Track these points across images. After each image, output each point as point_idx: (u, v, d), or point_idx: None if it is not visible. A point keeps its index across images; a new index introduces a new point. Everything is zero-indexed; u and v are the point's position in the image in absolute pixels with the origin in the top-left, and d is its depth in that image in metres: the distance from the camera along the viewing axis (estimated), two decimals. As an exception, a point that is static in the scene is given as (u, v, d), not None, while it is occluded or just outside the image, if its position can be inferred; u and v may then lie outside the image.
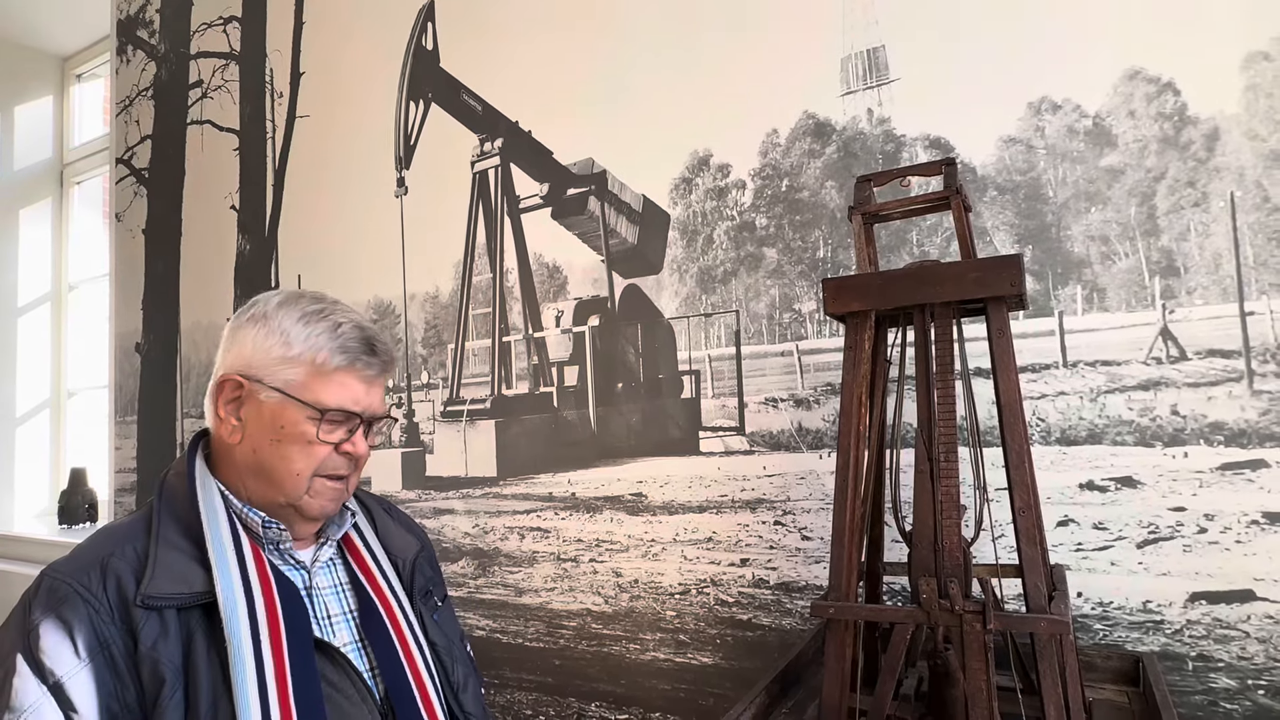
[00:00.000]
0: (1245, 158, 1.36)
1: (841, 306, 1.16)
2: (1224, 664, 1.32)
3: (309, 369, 1.00)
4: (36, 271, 4.37)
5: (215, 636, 0.91)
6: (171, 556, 0.94)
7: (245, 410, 1.01)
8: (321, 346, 1.01)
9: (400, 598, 1.11)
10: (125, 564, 0.92)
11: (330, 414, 1.00)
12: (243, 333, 1.03)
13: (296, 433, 0.99)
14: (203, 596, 0.92)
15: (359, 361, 1.03)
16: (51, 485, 4.23)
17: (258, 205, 2.91)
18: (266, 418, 1.00)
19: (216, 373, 1.05)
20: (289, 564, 1.05)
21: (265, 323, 1.02)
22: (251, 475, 1.01)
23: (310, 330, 1.01)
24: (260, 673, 0.90)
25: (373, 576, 1.10)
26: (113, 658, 0.88)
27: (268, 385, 1.00)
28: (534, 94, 2.21)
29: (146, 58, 3.44)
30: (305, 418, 0.99)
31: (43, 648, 0.87)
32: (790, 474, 1.76)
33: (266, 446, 1.00)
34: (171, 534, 0.96)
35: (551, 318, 2.17)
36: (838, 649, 1.11)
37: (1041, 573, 1.02)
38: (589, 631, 1.99)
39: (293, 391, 0.99)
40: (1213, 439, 1.36)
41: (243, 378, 1.01)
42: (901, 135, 1.66)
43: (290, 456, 1.00)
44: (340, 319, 1.04)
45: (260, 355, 1.00)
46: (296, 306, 1.04)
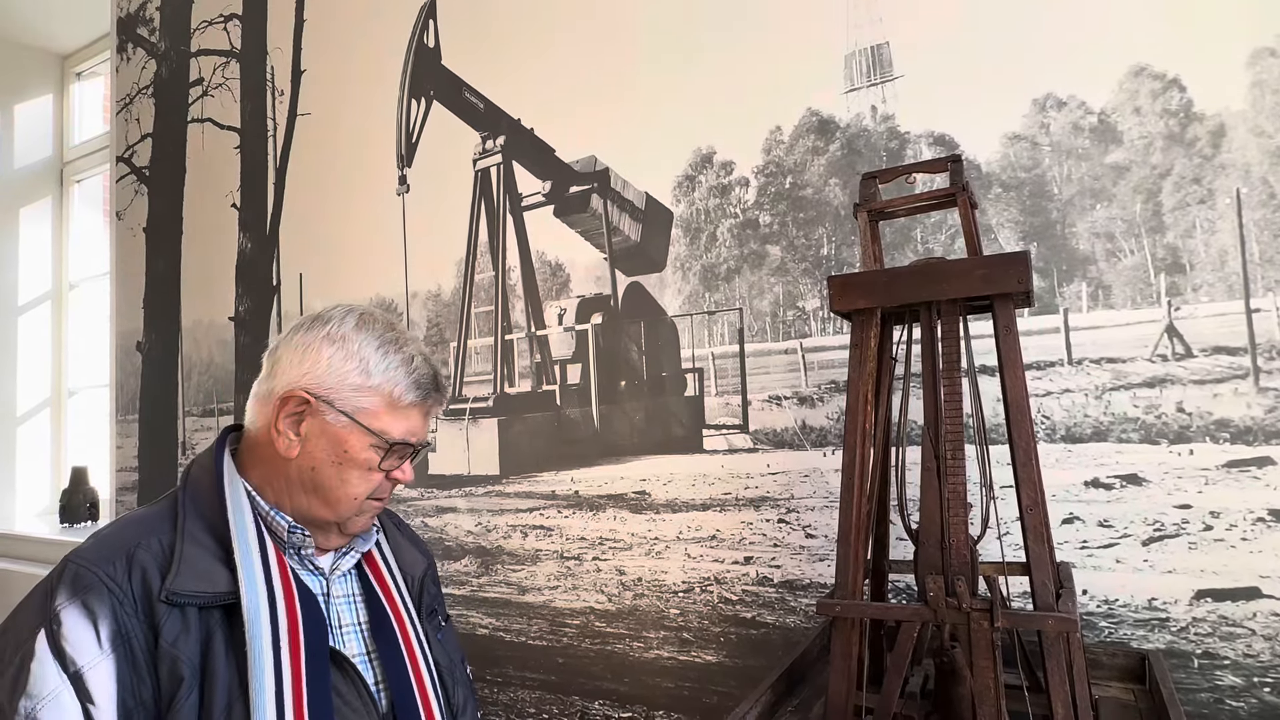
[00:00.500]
0: (1251, 154, 1.36)
1: (847, 304, 1.16)
2: (1230, 661, 1.32)
3: (384, 401, 1.01)
4: (37, 270, 4.37)
5: (234, 637, 0.91)
6: (196, 554, 0.93)
7: (307, 427, 1.00)
8: (399, 381, 1.02)
9: (412, 614, 1.12)
10: (151, 557, 0.92)
11: (396, 446, 1.02)
12: (318, 351, 1.02)
13: (360, 458, 1.01)
14: (225, 597, 0.92)
15: (430, 397, 1.05)
16: (53, 484, 4.23)
17: (259, 203, 2.91)
18: (331, 439, 1.00)
19: (276, 379, 1.03)
20: (308, 570, 1.05)
21: (344, 345, 1.01)
22: (302, 490, 1.01)
23: (388, 362, 1.02)
24: (278, 676, 0.90)
25: (389, 590, 1.11)
26: (133, 651, 0.88)
27: (337, 408, 1.00)
28: (536, 91, 2.20)
29: (147, 55, 3.43)
30: (370, 445, 1.01)
31: (65, 634, 0.86)
32: (794, 472, 1.75)
33: (327, 466, 1.00)
34: (196, 530, 0.96)
35: (554, 315, 2.16)
36: (844, 647, 1.10)
37: (1049, 570, 1.02)
38: (592, 630, 1.99)
39: (363, 420, 1.00)
40: (1218, 436, 1.36)
41: (311, 395, 1.00)
42: (905, 132, 1.66)
43: (350, 480, 1.01)
44: (413, 352, 1.05)
45: (335, 378, 1.00)
46: (373, 333, 1.04)
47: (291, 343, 1.04)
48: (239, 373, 2.96)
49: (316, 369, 1.01)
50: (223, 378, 3.02)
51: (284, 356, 1.04)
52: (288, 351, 1.04)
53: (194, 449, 3.11)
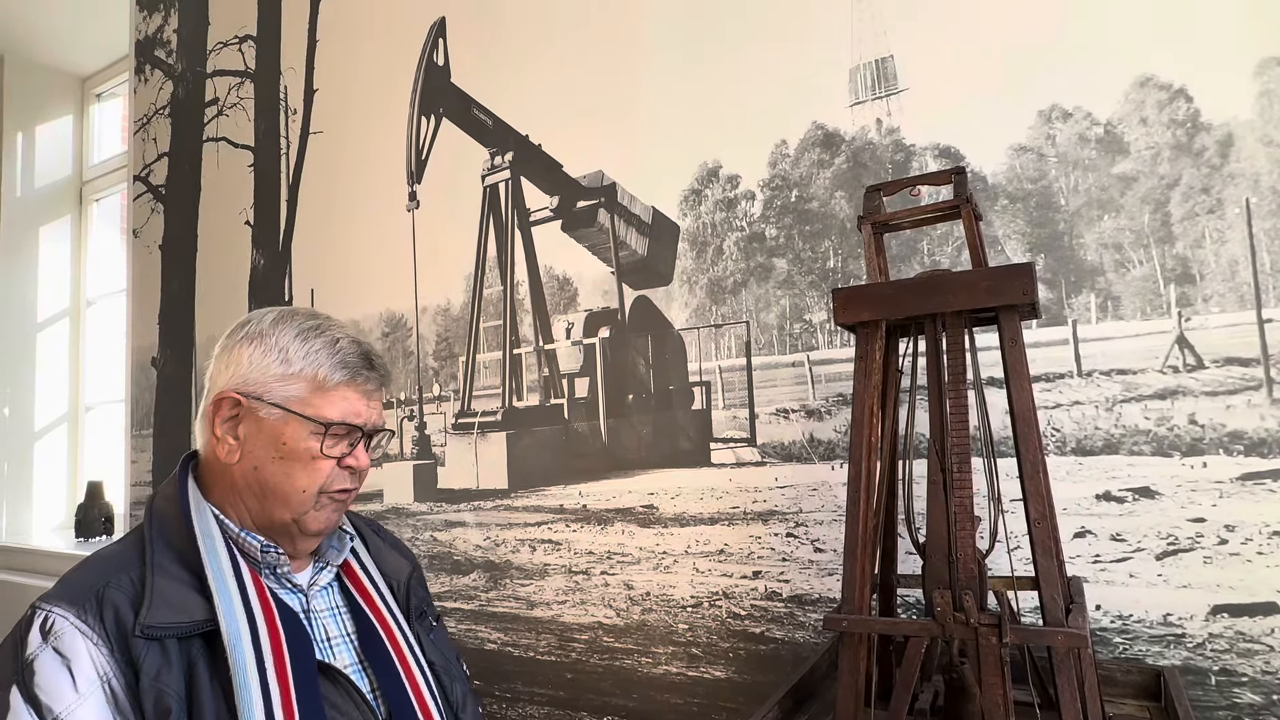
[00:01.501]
0: (1260, 164, 1.35)
1: (852, 316, 1.15)
2: (1248, 679, 1.29)
3: (310, 384, 1.01)
4: (56, 287, 4.44)
5: (217, 665, 0.90)
6: (169, 585, 0.92)
7: (244, 428, 1.00)
8: (321, 363, 1.01)
9: (398, 618, 1.12)
10: (121, 594, 0.91)
11: (334, 428, 1.01)
12: (238, 351, 1.02)
13: (300, 448, 1.00)
14: (203, 625, 0.91)
15: (359, 376, 1.04)
16: (69, 498, 4.28)
17: (272, 220, 2.95)
18: (268, 434, 1.00)
19: (210, 392, 1.04)
20: (286, 588, 1.05)
21: (262, 340, 1.02)
22: (252, 494, 1.01)
23: (309, 346, 1.02)
24: (266, 700, 0.89)
25: (370, 598, 1.10)
26: (113, 691, 0.87)
27: (267, 402, 0.99)
28: (544, 108, 2.23)
29: (164, 77, 3.50)
30: (308, 433, 1.00)
31: (39, 684, 0.85)
32: (802, 485, 1.74)
33: (269, 464, 1.00)
34: (166, 561, 0.94)
35: (562, 330, 2.17)
36: (851, 663, 1.09)
37: (1058, 585, 1.01)
38: (601, 645, 1.98)
39: (294, 407, 0.99)
40: (1232, 448, 1.34)
41: (241, 395, 1.00)
42: (911, 145, 1.66)
43: (294, 473, 1.00)
44: (337, 334, 1.04)
45: (258, 372, 1.00)
46: (292, 323, 1.04)
47: (218, 355, 1.05)
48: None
49: (240, 369, 1.01)
50: (235, 393, 3.04)
51: (213, 369, 1.05)
52: (216, 363, 1.05)
53: (207, 463, 3.14)
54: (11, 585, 3.66)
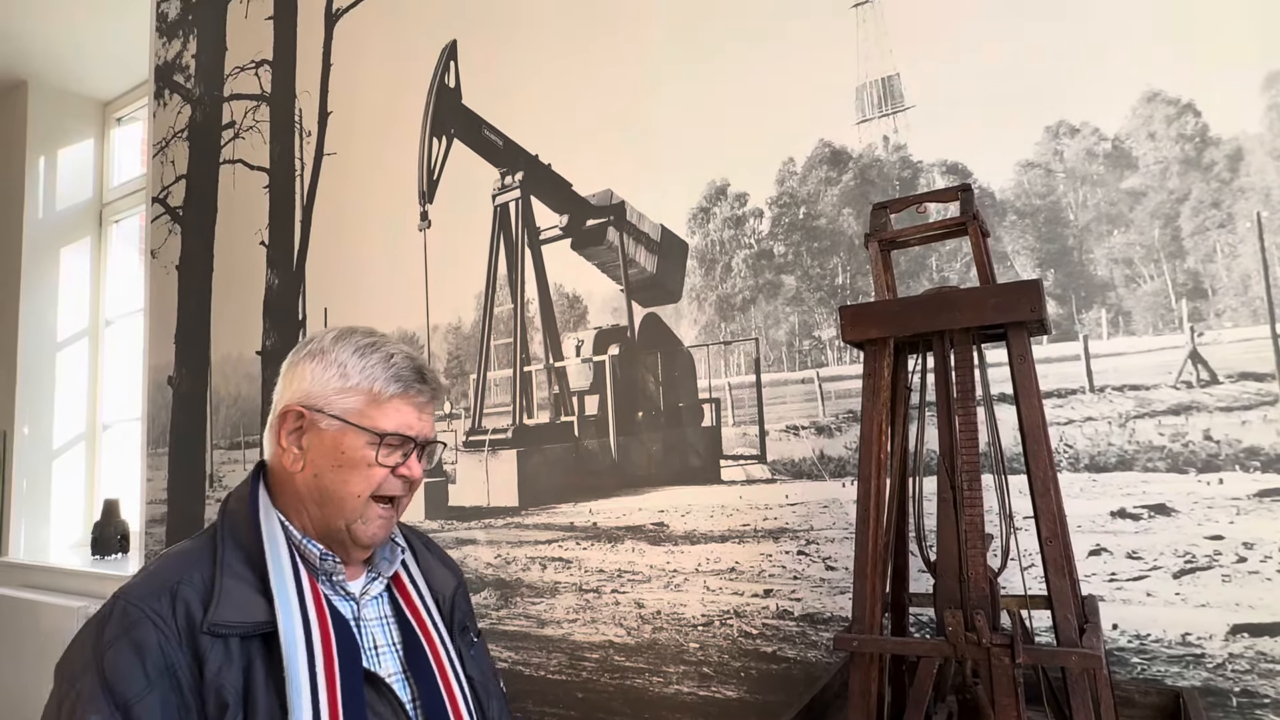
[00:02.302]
0: (1271, 178, 1.34)
1: (859, 334, 1.16)
2: (1270, 700, 1.27)
3: (366, 397, 1.07)
4: (75, 307, 4.51)
5: (273, 665, 0.96)
6: (236, 586, 0.99)
7: (307, 439, 1.07)
8: (377, 376, 1.08)
9: (443, 633, 1.16)
10: (194, 591, 0.97)
11: (388, 438, 1.07)
12: (302, 367, 1.10)
13: (357, 457, 1.06)
14: (263, 626, 0.97)
15: (412, 389, 1.10)
16: (86, 516, 4.32)
17: (286, 240, 2.99)
18: (328, 445, 1.06)
19: (277, 406, 1.11)
20: (340, 595, 1.10)
21: (323, 357, 1.09)
22: (312, 501, 1.07)
23: (365, 362, 1.08)
24: (315, 701, 0.94)
25: (418, 611, 1.15)
26: (179, 682, 0.92)
27: (328, 414, 1.06)
28: (553, 128, 2.25)
29: (182, 101, 3.57)
30: (365, 443, 1.06)
31: (115, 669, 0.91)
32: (813, 502, 1.73)
33: (329, 471, 1.06)
34: (235, 562, 1.01)
35: (572, 347, 2.18)
36: (863, 683, 1.08)
37: (1071, 604, 0.99)
38: (611, 664, 1.97)
39: (352, 419, 1.06)
40: (1248, 464, 1.32)
41: (304, 408, 1.07)
42: (918, 161, 1.67)
43: (350, 480, 1.06)
44: (392, 350, 1.11)
45: (319, 387, 1.07)
46: (351, 341, 1.11)
47: (284, 372, 1.13)
48: (265, 406, 3.01)
49: (304, 384, 1.08)
50: (250, 411, 3.08)
51: (280, 385, 1.13)
52: (282, 379, 1.13)
53: (222, 481, 3.16)
54: (29, 603, 3.69)
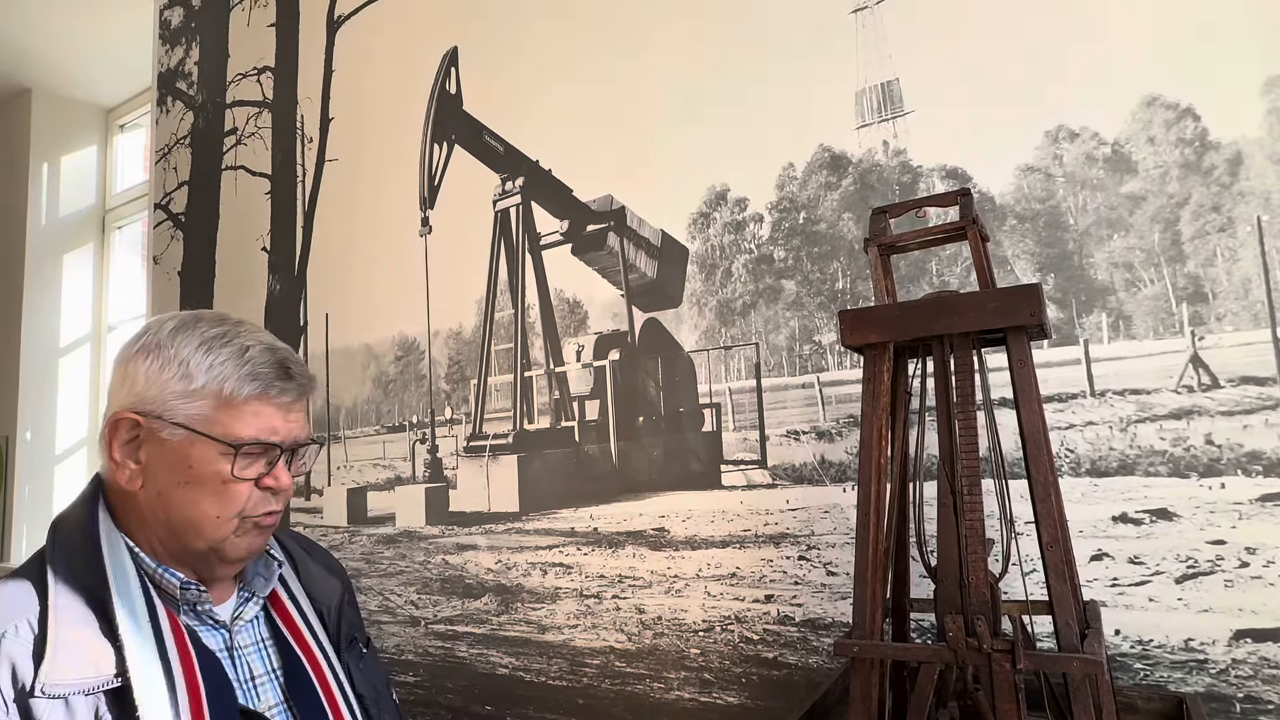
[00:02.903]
0: (1270, 181, 1.34)
1: (859, 338, 1.15)
2: (1274, 706, 1.26)
3: (215, 400, 0.90)
4: (78, 313, 4.53)
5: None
6: (73, 633, 0.82)
7: (145, 451, 0.90)
8: (228, 375, 0.90)
9: (327, 650, 1.04)
10: (20, 646, 0.80)
11: (246, 448, 0.90)
12: (133, 365, 0.92)
13: (209, 472, 0.89)
14: (111, 680, 0.82)
15: (273, 388, 0.93)
16: (87, 522, 4.32)
17: (288, 246, 2.99)
18: (172, 458, 0.89)
19: (106, 412, 0.93)
20: (208, 625, 0.96)
21: (159, 353, 0.91)
22: (160, 524, 0.91)
23: (213, 358, 0.90)
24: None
25: (298, 631, 1.02)
26: None
27: (169, 422, 0.89)
28: (554, 133, 2.26)
29: (185, 108, 3.58)
30: (217, 454, 0.89)
31: None
32: (814, 507, 1.73)
33: (174, 489, 0.89)
34: (71, 603, 0.84)
35: (572, 352, 2.18)
36: (863, 688, 1.08)
37: (1072, 610, 0.99)
38: (612, 670, 1.96)
39: (199, 427, 0.89)
40: (1250, 469, 1.32)
41: (139, 415, 0.89)
42: (918, 166, 1.67)
43: (201, 500, 0.89)
44: (247, 341, 0.93)
45: (156, 389, 0.90)
46: (194, 332, 0.93)
47: (114, 370, 0.95)
48: (267, 411, 3.01)
49: (137, 385, 0.90)
50: (251, 416, 3.07)
51: (110, 386, 0.94)
52: (112, 379, 0.94)
53: (222, 487, 3.16)
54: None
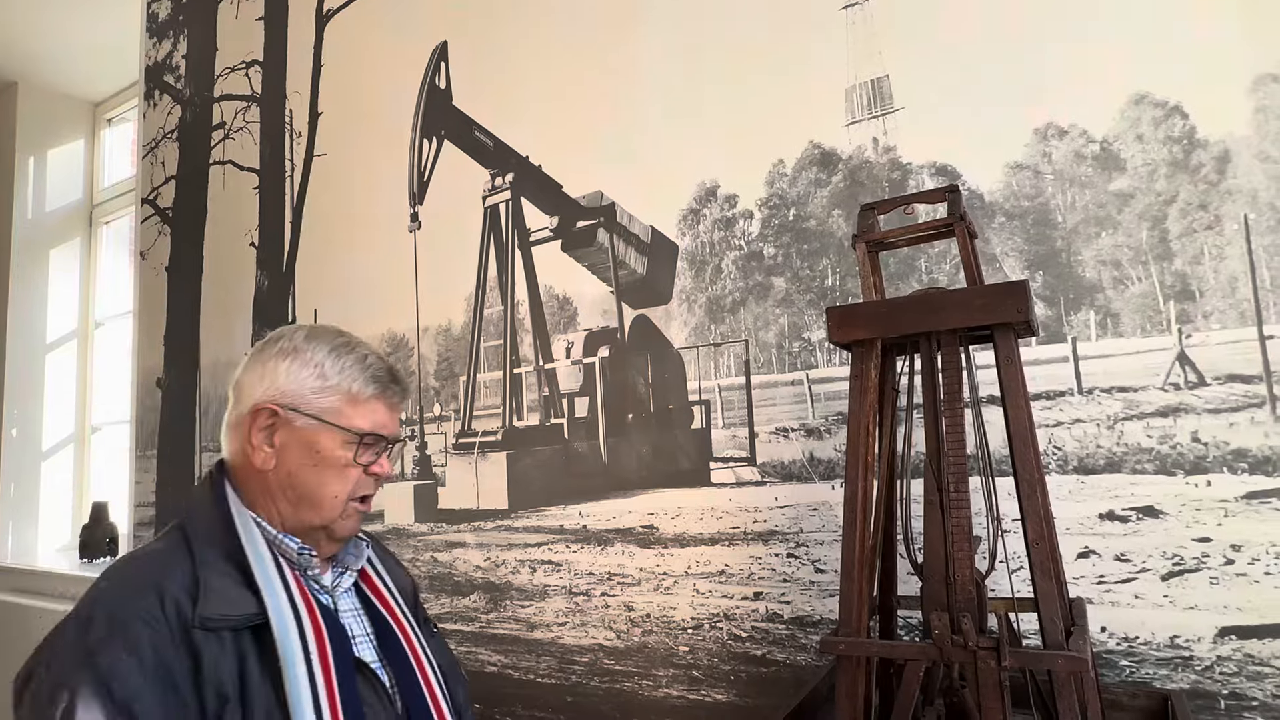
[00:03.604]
0: (1258, 180, 1.34)
1: (846, 335, 1.15)
2: (1258, 703, 1.26)
3: (345, 397, 1.08)
4: (65, 309, 4.48)
5: (265, 657, 0.95)
6: (220, 581, 0.97)
7: (279, 437, 1.06)
8: (355, 377, 1.08)
9: (412, 622, 1.17)
10: (179, 588, 0.95)
11: (366, 438, 1.08)
12: (274, 365, 1.08)
13: (333, 456, 1.06)
14: (253, 619, 0.96)
15: (388, 389, 1.12)
16: (74, 519, 4.28)
17: (276, 242, 2.97)
18: (303, 443, 1.06)
19: (242, 402, 1.08)
20: (315, 588, 1.09)
21: (298, 355, 1.08)
22: (286, 500, 1.06)
23: (342, 363, 1.09)
24: (313, 691, 0.94)
25: (386, 601, 1.16)
26: (174, 680, 0.91)
27: (303, 413, 1.06)
28: (544, 129, 2.24)
29: (172, 101, 3.55)
30: (342, 442, 1.06)
31: (111, 670, 0.88)
32: (802, 505, 1.73)
33: (303, 471, 1.06)
34: (213, 559, 0.99)
35: (562, 349, 2.17)
36: (849, 686, 1.08)
37: (1057, 607, 0.99)
38: (601, 667, 1.96)
39: (329, 418, 1.06)
40: (1236, 466, 1.32)
41: (277, 406, 1.06)
42: (907, 163, 1.66)
43: (327, 480, 1.06)
44: (365, 351, 1.12)
45: (295, 385, 1.06)
46: (324, 341, 1.11)
47: (249, 368, 1.10)
48: (255, 408, 2.99)
49: (277, 381, 1.07)
50: (239, 413, 3.05)
51: (245, 381, 1.10)
52: (248, 375, 1.10)
53: (210, 484, 3.14)
54: (17, 607, 3.65)
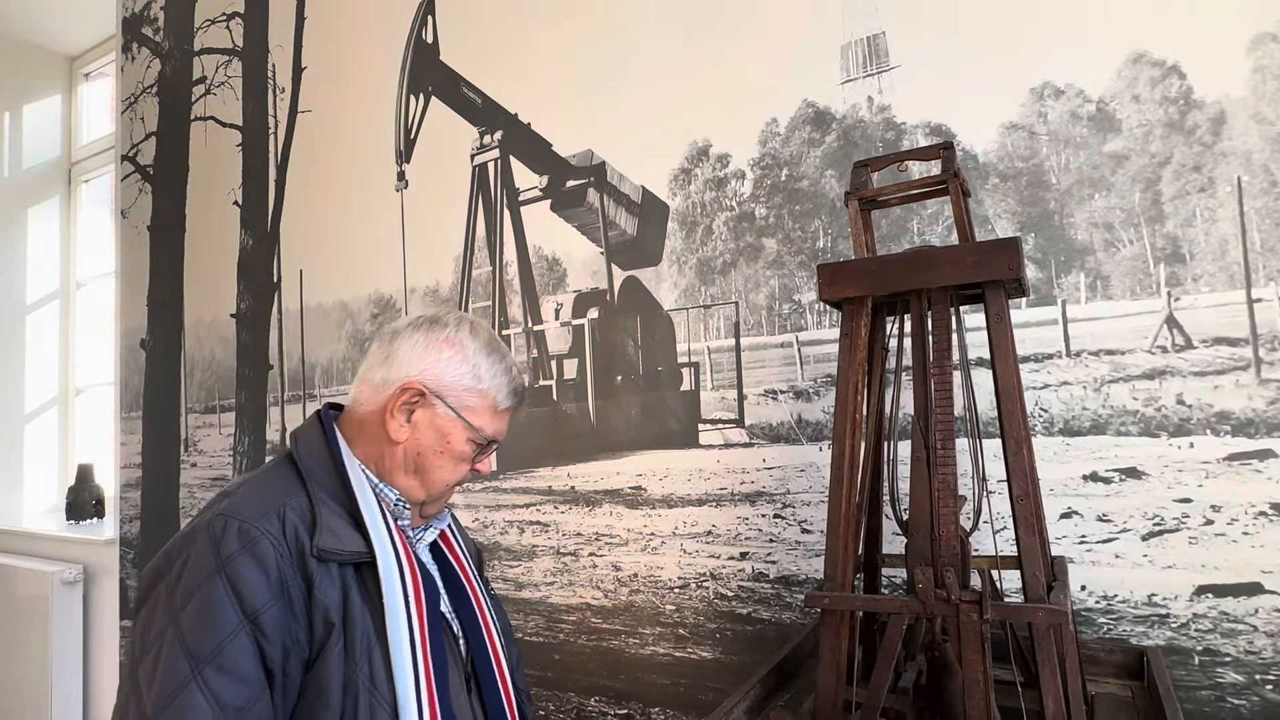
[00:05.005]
0: (1253, 141, 1.33)
1: (837, 292, 1.14)
2: (1231, 658, 1.29)
3: (488, 403, 1.15)
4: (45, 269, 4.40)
5: (366, 592, 1.02)
6: (332, 518, 1.04)
7: (418, 416, 1.12)
8: (501, 387, 1.15)
9: (478, 581, 1.25)
10: (298, 516, 1.02)
11: (489, 443, 1.16)
12: (435, 350, 1.14)
13: (458, 450, 1.13)
14: (359, 556, 1.03)
15: (516, 405, 1.20)
16: (60, 481, 4.26)
17: (260, 200, 2.92)
18: (438, 429, 1.12)
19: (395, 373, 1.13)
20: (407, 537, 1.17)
21: (461, 350, 1.14)
22: (404, 470, 1.12)
23: (495, 370, 1.15)
24: (410, 627, 1.01)
25: (460, 560, 1.24)
26: (291, 599, 0.97)
27: (448, 403, 1.12)
28: (533, 86, 2.20)
29: (151, 55, 3.45)
30: (468, 439, 1.13)
31: (242, 579, 0.95)
32: (790, 466, 1.74)
33: (430, 454, 1.12)
34: (325, 497, 1.06)
35: (551, 311, 2.16)
36: (832, 640, 1.09)
37: (1040, 562, 1.00)
38: (588, 626, 1.98)
39: (468, 416, 1.13)
40: (1219, 429, 1.33)
41: (427, 389, 1.12)
42: (902, 123, 1.64)
43: (445, 467, 1.13)
44: (511, 363, 1.19)
45: (451, 377, 1.13)
46: (480, 338, 1.16)
47: (412, 339, 1.15)
48: (240, 369, 2.96)
49: (436, 367, 1.13)
50: (224, 374, 3.03)
51: (402, 350, 1.14)
52: (406, 347, 1.14)
53: (197, 445, 3.13)
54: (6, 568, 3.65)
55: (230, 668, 0.92)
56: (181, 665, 0.92)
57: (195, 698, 0.91)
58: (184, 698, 0.91)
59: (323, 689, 0.97)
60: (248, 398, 2.93)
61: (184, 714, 0.90)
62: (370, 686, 0.98)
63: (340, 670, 0.97)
